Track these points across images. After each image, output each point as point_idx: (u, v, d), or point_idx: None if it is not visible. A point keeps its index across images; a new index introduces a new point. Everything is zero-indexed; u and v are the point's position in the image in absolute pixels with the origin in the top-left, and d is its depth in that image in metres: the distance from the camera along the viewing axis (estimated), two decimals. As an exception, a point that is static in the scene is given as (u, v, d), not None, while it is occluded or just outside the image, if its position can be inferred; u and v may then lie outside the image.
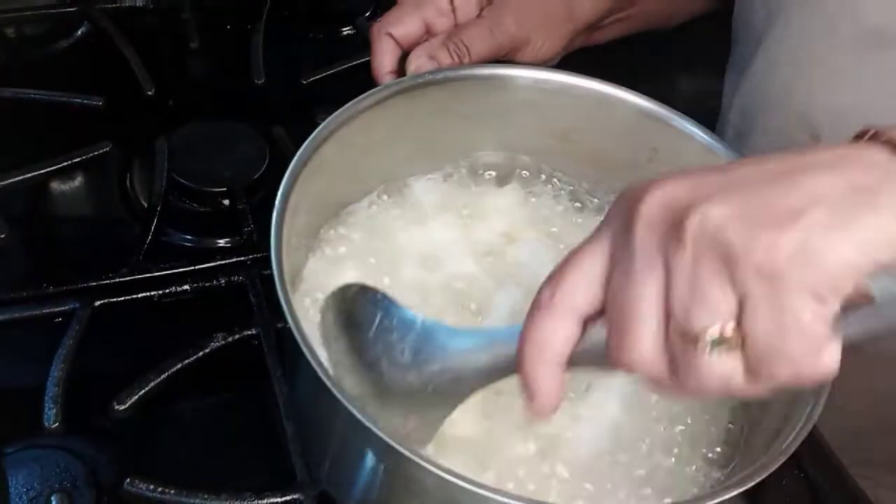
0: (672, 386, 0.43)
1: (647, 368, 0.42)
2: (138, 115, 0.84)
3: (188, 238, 0.74)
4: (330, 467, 0.58)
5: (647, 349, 0.42)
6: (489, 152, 0.70)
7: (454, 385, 0.51)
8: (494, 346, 0.50)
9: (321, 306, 0.56)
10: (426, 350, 0.52)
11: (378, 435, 0.47)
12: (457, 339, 0.52)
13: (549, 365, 0.45)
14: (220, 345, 0.65)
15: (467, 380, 0.51)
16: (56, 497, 0.56)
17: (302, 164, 0.57)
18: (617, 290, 0.43)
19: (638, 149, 0.66)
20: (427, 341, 0.52)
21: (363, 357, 0.53)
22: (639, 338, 0.42)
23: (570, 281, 0.45)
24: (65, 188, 0.78)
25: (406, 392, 0.52)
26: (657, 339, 0.42)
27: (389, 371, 0.52)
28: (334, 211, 0.65)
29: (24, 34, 0.91)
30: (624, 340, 0.42)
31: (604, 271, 0.44)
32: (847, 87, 0.69)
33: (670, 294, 0.41)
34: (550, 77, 0.66)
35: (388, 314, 0.53)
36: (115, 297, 0.68)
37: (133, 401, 0.62)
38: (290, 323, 0.50)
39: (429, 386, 0.51)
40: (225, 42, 0.94)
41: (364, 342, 0.53)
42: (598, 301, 0.44)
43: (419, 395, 0.52)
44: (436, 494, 0.49)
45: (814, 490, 0.63)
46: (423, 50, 0.67)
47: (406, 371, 0.52)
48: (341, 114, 0.60)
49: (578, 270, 0.45)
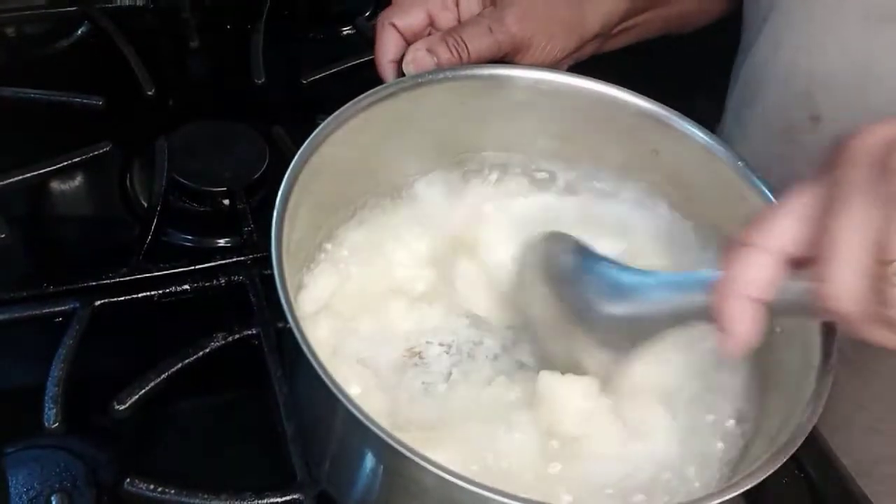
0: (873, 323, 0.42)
1: (853, 304, 0.42)
2: (138, 115, 0.84)
3: (188, 238, 0.74)
4: (330, 467, 0.58)
5: (855, 282, 0.41)
6: (489, 152, 0.70)
7: (646, 324, 0.55)
8: (689, 288, 0.53)
9: (517, 253, 0.62)
10: (622, 290, 0.56)
11: (378, 434, 0.47)
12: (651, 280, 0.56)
13: (750, 302, 0.45)
14: (220, 345, 0.65)
15: (660, 320, 0.55)
16: (56, 497, 0.56)
17: (302, 163, 0.57)
18: (829, 223, 0.43)
19: (638, 150, 0.66)
20: (622, 282, 0.56)
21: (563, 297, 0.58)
22: (848, 270, 0.42)
23: (777, 220, 0.45)
24: (65, 188, 0.78)
25: (601, 328, 0.56)
26: (866, 271, 0.41)
27: (587, 310, 0.56)
28: (335, 210, 0.65)
29: (24, 34, 0.91)
30: (833, 273, 0.42)
31: (814, 212, 0.44)
32: (848, 68, 0.68)
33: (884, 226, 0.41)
34: (551, 78, 0.66)
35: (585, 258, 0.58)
36: (115, 297, 0.68)
37: (133, 401, 0.62)
38: (290, 322, 0.50)
39: (622, 323, 0.55)
40: (225, 42, 0.94)
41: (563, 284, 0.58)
42: (806, 241, 0.44)
43: (612, 330, 0.56)
44: (435, 494, 0.49)
45: (814, 490, 0.63)
46: (423, 43, 0.66)
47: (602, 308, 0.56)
48: (342, 113, 0.60)
49: (787, 210, 0.45)
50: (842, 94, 0.69)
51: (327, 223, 0.65)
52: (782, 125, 0.74)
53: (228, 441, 0.63)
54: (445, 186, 0.69)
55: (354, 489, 0.56)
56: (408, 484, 0.50)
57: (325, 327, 0.61)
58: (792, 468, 0.63)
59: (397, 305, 0.63)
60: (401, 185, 0.68)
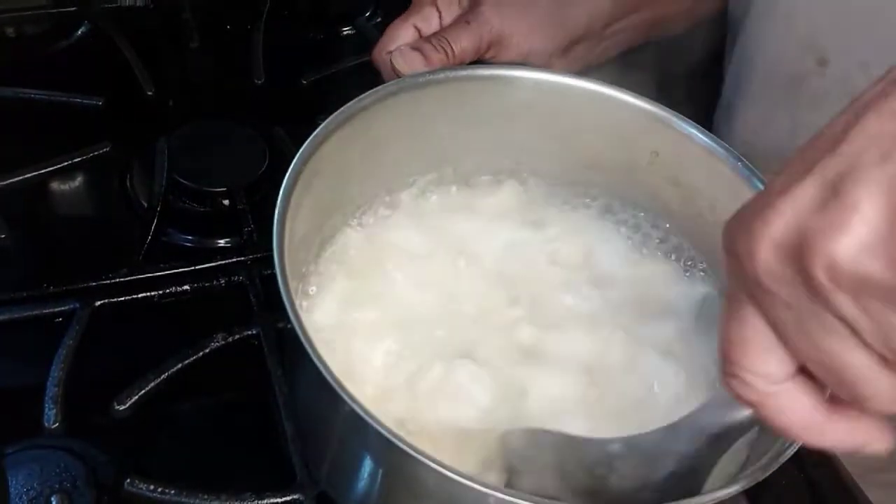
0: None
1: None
2: (138, 115, 0.84)
3: (188, 238, 0.74)
4: (330, 467, 0.58)
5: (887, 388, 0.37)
6: (489, 153, 0.70)
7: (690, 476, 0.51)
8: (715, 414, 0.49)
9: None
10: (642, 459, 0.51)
11: (379, 432, 0.46)
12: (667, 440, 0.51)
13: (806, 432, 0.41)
14: (220, 345, 0.65)
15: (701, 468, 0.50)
16: (56, 497, 0.56)
17: (303, 162, 0.57)
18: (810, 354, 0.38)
19: (638, 151, 0.66)
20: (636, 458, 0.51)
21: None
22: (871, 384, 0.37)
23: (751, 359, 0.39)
24: (65, 188, 0.78)
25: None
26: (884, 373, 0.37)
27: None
28: (336, 210, 0.65)
29: (24, 34, 0.91)
30: (859, 393, 0.38)
31: (773, 333, 0.39)
32: (853, 7, 0.68)
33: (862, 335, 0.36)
34: (551, 78, 0.66)
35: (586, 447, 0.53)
36: (115, 298, 0.68)
37: (133, 401, 0.62)
38: (292, 321, 0.50)
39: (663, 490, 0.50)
40: (225, 42, 0.94)
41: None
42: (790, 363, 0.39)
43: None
44: (437, 493, 0.49)
45: (814, 490, 0.63)
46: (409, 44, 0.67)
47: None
48: (344, 112, 0.60)
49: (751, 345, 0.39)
50: (848, 34, 0.68)
51: (328, 223, 0.65)
52: (787, 74, 0.73)
53: (228, 441, 0.63)
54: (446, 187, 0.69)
55: (354, 489, 0.56)
56: (409, 483, 0.50)
57: (326, 326, 0.61)
58: (792, 468, 0.63)
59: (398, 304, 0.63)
60: (401, 184, 0.68)
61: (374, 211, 0.67)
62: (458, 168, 0.70)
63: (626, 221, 0.69)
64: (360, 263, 0.64)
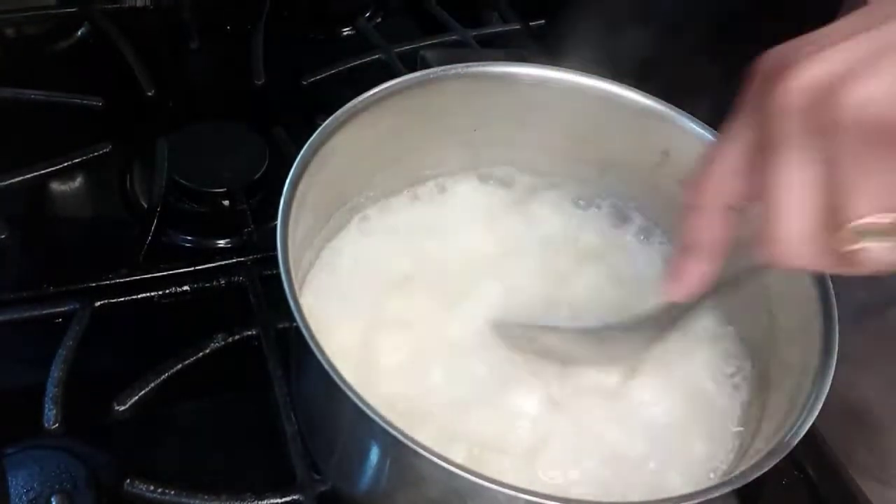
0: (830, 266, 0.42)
1: (797, 259, 0.41)
2: (138, 116, 0.84)
3: (188, 238, 0.74)
4: (337, 461, 0.58)
5: (798, 240, 0.41)
6: (496, 152, 0.69)
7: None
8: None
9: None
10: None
11: (384, 428, 0.47)
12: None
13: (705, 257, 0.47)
14: (220, 345, 0.65)
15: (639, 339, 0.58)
16: (56, 498, 0.55)
17: (306, 162, 0.57)
18: (766, 178, 0.41)
19: (648, 151, 0.66)
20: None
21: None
22: (788, 228, 0.41)
23: (712, 177, 0.45)
24: (65, 188, 0.78)
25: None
26: (809, 227, 0.40)
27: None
28: (338, 209, 0.65)
29: (24, 34, 0.91)
30: (774, 231, 0.41)
31: (748, 161, 0.43)
32: None
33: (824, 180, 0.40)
34: (560, 77, 0.65)
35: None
36: (115, 298, 0.68)
37: (133, 401, 0.62)
38: (297, 318, 0.50)
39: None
40: (225, 42, 0.94)
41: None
42: (746, 194, 0.44)
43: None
44: (442, 486, 0.49)
45: (814, 490, 0.63)
46: None
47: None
48: (349, 109, 0.60)
49: (721, 163, 0.44)
50: None
51: (330, 222, 0.65)
52: None
53: (228, 441, 0.63)
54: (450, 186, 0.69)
55: (362, 481, 0.56)
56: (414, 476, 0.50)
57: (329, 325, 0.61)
58: (792, 468, 0.63)
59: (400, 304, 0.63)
60: (405, 183, 0.68)
61: (377, 209, 0.67)
62: (464, 166, 0.69)
63: (633, 219, 0.69)
64: (362, 262, 0.65)
